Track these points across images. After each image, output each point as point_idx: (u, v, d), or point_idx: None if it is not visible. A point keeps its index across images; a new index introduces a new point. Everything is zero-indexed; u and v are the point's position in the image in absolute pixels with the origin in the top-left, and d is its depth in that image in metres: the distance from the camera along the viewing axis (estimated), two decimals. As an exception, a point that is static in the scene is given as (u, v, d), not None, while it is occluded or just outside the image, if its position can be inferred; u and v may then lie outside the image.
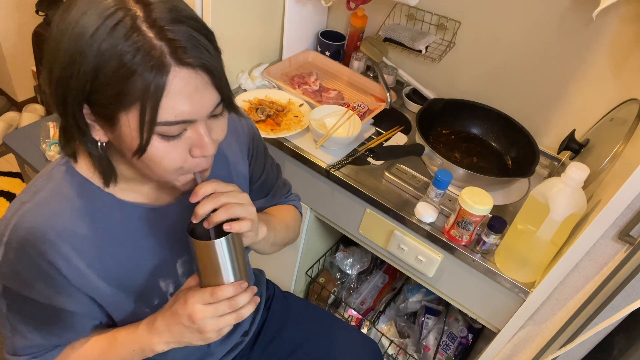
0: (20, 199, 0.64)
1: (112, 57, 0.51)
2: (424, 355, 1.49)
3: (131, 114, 0.54)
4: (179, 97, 0.54)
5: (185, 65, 0.53)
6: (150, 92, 0.52)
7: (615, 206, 0.78)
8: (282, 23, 1.43)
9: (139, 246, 0.71)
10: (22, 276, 0.63)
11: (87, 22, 0.51)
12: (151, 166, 0.59)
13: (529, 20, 1.20)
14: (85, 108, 0.56)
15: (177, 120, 0.55)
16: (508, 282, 0.98)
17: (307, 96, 1.36)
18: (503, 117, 1.27)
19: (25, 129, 1.54)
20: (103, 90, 0.53)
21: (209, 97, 0.57)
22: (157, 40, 0.51)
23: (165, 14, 0.53)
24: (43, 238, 0.61)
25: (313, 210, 1.34)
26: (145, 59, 0.51)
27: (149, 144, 0.56)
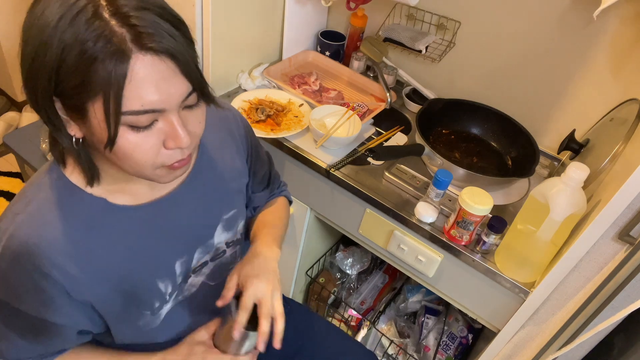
0: (13, 210, 0.63)
1: (74, 45, 0.50)
2: (424, 355, 1.49)
3: (97, 104, 0.53)
4: (145, 85, 0.53)
5: (147, 50, 0.52)
6: (112, 80, 0.51)
7: (615, 206, 0.78)
8: (282, 23, 1.43)
9: (134, 249, 0.70)
10: (13, 287, 0.63)
11: (50, 12, 0.51)
12: (124, 159, 0.58)
13: (529, 20, 1.20)
14: (57, 102, 0.55)
15: (145, 109, 0.54)
16: (508, 282, 0.98)
17: (307, 96, 1.36)
18: (503, 117, 1.27)
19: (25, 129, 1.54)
20: (67, 80, 0.52)
21: (177, 86, 0.56)
22: (118, 27, 0.51)
23: (129, 1, 0.52)
24: (36, 250, 0.61)
25: (313, 210, 1.34)
26: (106, 46, 0.50)
27: (117, 134, 0.55)
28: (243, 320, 0.71)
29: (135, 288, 0.71)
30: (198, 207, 0.77)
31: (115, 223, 0.67)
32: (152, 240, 0.72)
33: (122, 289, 0.70)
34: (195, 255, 0.79)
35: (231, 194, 0.84)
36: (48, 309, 0.65)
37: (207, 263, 0.82)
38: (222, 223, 0.82)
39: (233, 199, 0.85)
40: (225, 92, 1.36)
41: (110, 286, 0.68)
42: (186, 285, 0.80)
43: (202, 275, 0.82)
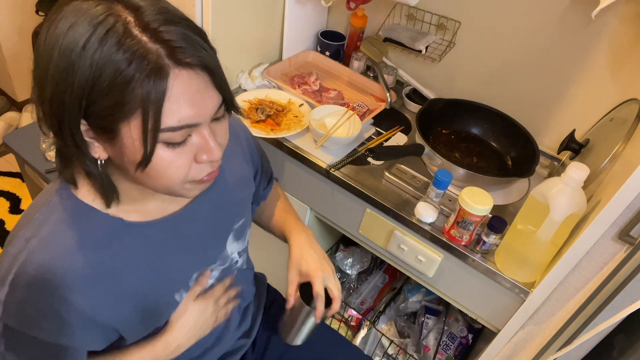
0: (24, 236, 0.60)
1: (107, 65, 0.49)
2: (424, 355, 1.49)
3: (133, 123, 0.52)
4: (182, 101, 0.52)
5: (185, 65, 0.51)
6: (152, 98, 0.50)
7: (615, 206, 0.78)
8: (282, 23, 1.43)
9: (154, 265, 0.69)
10: (29, 315, 0.60)
11: (77, 32, 0.49)
12: (156, 178, 0.57)
13: (529, 20, 1.20)
14: (83, 124, 0.54)
15: (182, 124, 0.53)
16: (508, 282, 0.98)
17: (307, 96, 1.36)
18: (503, 117, 1.27)
19: (25, 129, 1.54)
20: (101, 102, 0.51)
21: (210, 99, 0.56)
22: (152, 44, 0.50)
23: (156, 16, 0.51)
24: (54, 274, 0.59)
25: (313, 210, 1.34)
26: (142, 64, 0.49)
27: (153, 153, 0.54)
28: (322, 309, 0.84)
29: (155, 303, 0.71)
30: (210, 219, 0.77)
31: (133, 241, 0.66)
32: (169, 255, 0.71)
33: (142, 306, 0.69)
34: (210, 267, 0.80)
35: (240, 203, 0.84)
36: (64, 334, 0.63)
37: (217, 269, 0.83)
38: (232, 233, 0.83)
39: (242, 208, 0.85)
40: (225, 92, 1.36)
41: (130, 304, 0.67)
42: None
43: (212, 279, 0.82)
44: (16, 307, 0.60)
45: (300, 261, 0.87)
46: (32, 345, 0.63)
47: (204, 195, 0.74)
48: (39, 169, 1.40)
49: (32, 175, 1.48)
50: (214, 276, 0.82)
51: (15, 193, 2.14)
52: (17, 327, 0.61)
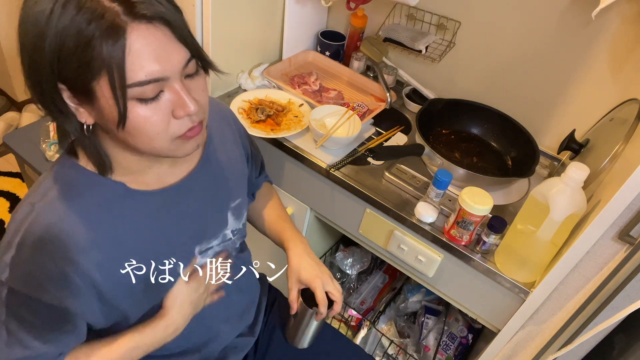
0: (29, 201, 0.63)
1: (69, 29, 0.51)
2: (424, 355, 1.49)
3: (102, 82, 0.54)
4: (144, 55, 0.54)
5: (141, 18, 0.53)
6: (112, 55, 0.52)
7: (615, 206, 0.78)
8: (282, 23, 1.43)
9: (155, 233, 0.71)
10: (35, 276, 0.62)
11: (43, 3, 0.52)
12: (137, 135, 0.59)
13: (529, 20, 1.20)
14: (64, 91, 0.56)
15: (149, 79, 0.55)
16: (508, 282, 0.98)
17: (307, 96, 1.36)
18: (503, 117, 1.27)
19: (25, 129, 1.54)
20: (69, 65, 0.53)
21: (176, 52, 0.57)
22: (108, 3, 0.52)
23: None
24: (60, 234, 0.61)
25: (313, 210, 1.34)
26: (101, 23, 0.51)
27: (126, 109, 0.56)
28: (325, 312, 0.88)
29: (158, 275, 0.72)
30: (207, 195, 0.79)
31: (135, 207, 0.68)
32: (169, 225, 0.73)
33: (145, 276, 0.70)
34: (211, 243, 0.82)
35: (236, 182, 0.87)
36: (69, 296, 0.64)
37: (212, 247, 0.85)
38: (230, 211, 0.85)
39: (238, 187, 0.88)
40: (225, 92, 1.36)
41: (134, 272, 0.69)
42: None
43: (207, 257, 0.84)
44: (23, 268, 0.61)
45: (299, 270, 0.90)
46: (36, 310, 0.64)
47: (200, 170, 0.77)
48: (39, 169, 1.40)
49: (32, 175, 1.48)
50: (214, 251, 0.84)
51: (15, 193, 2.14)
52: (22, 290, 0.62)
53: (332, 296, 0.90)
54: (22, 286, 0.62)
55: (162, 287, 0.75)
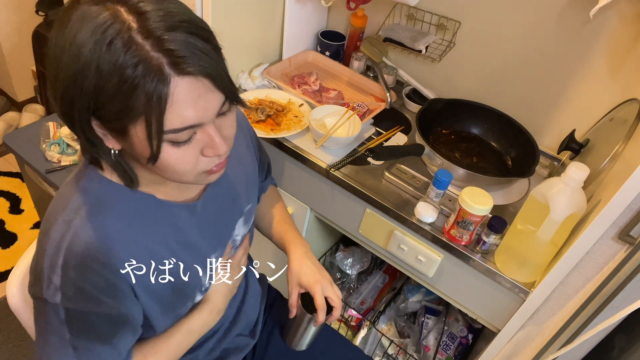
0: (62, 219, 0.63)
1: (112, 73, 0.51)
2: (424, 355, 1.49)
3: (139, 126, 0.55)
4: (184, 105, 0.54)
5: (186, 74, 0.53)
6: (153, 105, 0.52)
7: (615, 206, 0.78)
8: (282, 23, 1.43)
9: (181, 243, 0.73)
10: (87, 292, 0.62)
11: (84, 39, 0.51)
12: (166, 171, 0.61)
13: (529, 20, 1.20)
14: (94, 121, 0.56)
15: (184, 126, 0.56)
16: (508, 282, 0.98)
17: (307, 96, 1.36)
18: (503, 117, 1.27)
19: (25, 129, 1.54)
20: (108, 106, 0.53)
21: (212, 100, 0.57)
22: (154, 52, 0.51)
23: (159, 22, 0.52)
24: (102, 248, 0.62)
25: (313, 210, 1.34)
26: (145, 73, 0.51)
27: (160, 151, 0.57)
28: (323, 318, 0.88)
29: (184, 282, 0.74)
30: (226, 203, 0.81)
31: (162, 217, 0.70)
32: (192, 236, 0.75)
33: (174, 284, 0.72)
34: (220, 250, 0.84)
35: (248, 187, 0.88)
36: (121, 302, 0.66)
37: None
38: (243, 216, 0.87)
39: (249, 192, 0.89)
40: (225, 92, 1.36)
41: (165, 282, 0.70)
42: None
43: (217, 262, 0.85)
44: (73, 289, 0.62)
45: (299, 274, 0.90)
46: (96, 322, 0.65)
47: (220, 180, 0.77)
48: (39, 169, 1.40)
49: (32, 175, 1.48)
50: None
51: (15, 193, 2.14)
52: (78, 308, 0.63)
53: (332, 302, 0.90)
54: (77, 304, 0.63)
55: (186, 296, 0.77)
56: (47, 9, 2.04)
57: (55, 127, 1.50)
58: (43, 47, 2.07)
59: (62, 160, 1.43)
